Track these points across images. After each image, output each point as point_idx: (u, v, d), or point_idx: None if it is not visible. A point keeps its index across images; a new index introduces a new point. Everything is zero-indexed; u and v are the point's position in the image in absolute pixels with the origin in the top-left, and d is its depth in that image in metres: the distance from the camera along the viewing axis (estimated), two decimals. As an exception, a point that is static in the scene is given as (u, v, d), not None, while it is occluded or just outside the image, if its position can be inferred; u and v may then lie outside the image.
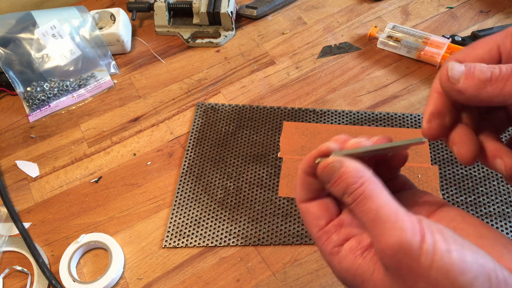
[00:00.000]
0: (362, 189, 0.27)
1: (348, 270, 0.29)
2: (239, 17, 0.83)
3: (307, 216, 0.31)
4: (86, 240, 0.58)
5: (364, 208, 0.27)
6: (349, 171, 0.28)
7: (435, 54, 0.71)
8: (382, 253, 0.26)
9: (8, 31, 0.73)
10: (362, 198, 0.27)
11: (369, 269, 0.28)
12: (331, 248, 0.30)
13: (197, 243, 0.58)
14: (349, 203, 0.28)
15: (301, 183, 0.32)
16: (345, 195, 0.28)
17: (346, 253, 0.29)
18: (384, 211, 0.26)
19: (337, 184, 0.29)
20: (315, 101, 0.70)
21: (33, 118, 0.73)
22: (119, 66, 0.78)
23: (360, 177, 0.28)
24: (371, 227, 0.27)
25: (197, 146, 0.67)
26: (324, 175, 0.29)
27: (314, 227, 0.31)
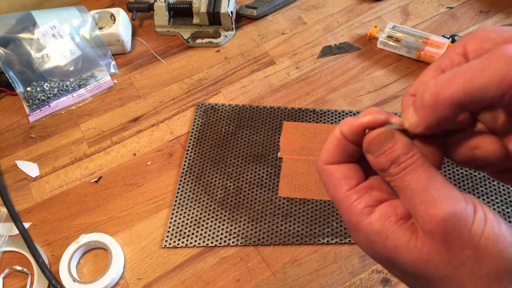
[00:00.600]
0: (414, 159, 0.27)
1: (380, 233, 0.28)
2: (239, 17, 0.83)
3: (333, 176, 0.30)
4: (86, 240, 0.58)
5: (416, 175, 0.27)
6: (401, 142, 0.28)
7: (435, 54, 0.71)
8: (432, 217, 0.25)
9: (8, 31, 0.73)
10: (414, 166, 0.27)
11: (406, 235, 0.27)
12: (362, 207, 0.28)
13: (197, 243, 0.58)
14: (396, 172, 0.28)
15: (336, 145, 0.30)
16: (393, 164, 0.28)
17: (379, 216, 0.28)
18: (437, 179, 0.27)
19: (386, 154, 0.28)
20: (315, 101, 0.70)
21: (33, 118, 0.73)
22: (119, 66, 0.78)
23: (411, 149, 0.28)
24: (421, 193, 0.26)
25: (197, 146, 0.67)
26: (374, 145, 0.29)
27: (342, 186, 0.30)
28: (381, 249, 0.28)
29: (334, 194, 0.30)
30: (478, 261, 0.25)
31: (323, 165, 0.31)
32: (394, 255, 0.27)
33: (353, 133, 0.30)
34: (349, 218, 0.29)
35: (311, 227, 0.58)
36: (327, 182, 0.31)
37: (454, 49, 0.29)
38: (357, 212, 0.29)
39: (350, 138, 0.30)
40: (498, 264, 0.25)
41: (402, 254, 0.27)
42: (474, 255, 0.25)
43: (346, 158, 0.31)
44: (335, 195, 0.30)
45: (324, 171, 0.31)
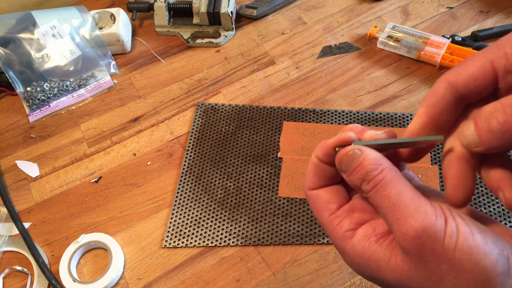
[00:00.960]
0: (383, 175, 0.28)
1: (362, 255, 0.28)
2: (239, 17, 0.83)
3: (317, 202, 0.31)
4: (86, 240, 0.58)
5: (385, 193, 0.27)
6: (369, 158, 0.28)
7: (435, 54, 0.71)
8: (404, 236, 0.26)
9: (8, 31, 0.73)
10: (383, 184, 0.27)
11: (386, 255, 0.28)
12: (344, 232, 0.29)
13: (197, 243, 0.58)
14: (368, 190, 0.28)
15: (315, 170, 0.31)
16: (364, 182, 0.28)
17: (360, 238, 0.29)
18: (406, 195, 0.27)
19: (356, 172, 0.28)
20: (315, 101, 0.70)
21: (33, 118, 0.73)
22: (119, 66, 0.78)
23: (380, 164, 0.28)
24: (392, 211, 0.27)
25: (197, 146, 0.67)
26: (343, 163, 0.29)
27: (325, 211, 0.31)
28: (365, 270, 0.29)
29: (319, 219, 0.31)
30: (455, 274, 0.25)
31: (307, 190, 0.32)
32: (379, 275, 0.28)
33: (326, 155, 0.31)
34: (334, 242, 0.30)
35: (311, 227, 0.58)
36: (312, 207, 0.32)
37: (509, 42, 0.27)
38: (340, 237, 0.30)
39: (325, 160, 0.31)
40: (475, 277, 0.25)
41: (385, 274, 0.28)
42: (451, 269, 0.25)
43: (326, 181, 0.32)
44: (320, 220, 0.31)
45: (308, 196, 0.32)
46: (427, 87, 0.70)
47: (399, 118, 0.67)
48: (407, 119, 0.67)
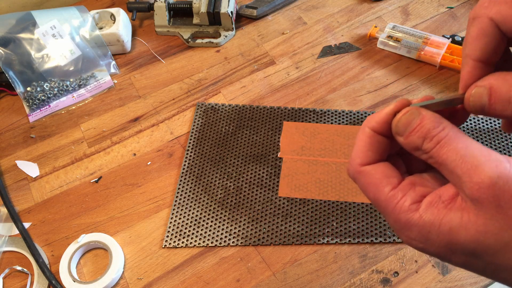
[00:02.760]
0: (446, 131, 0.27)
1: (433, 222, 0.27)
2: (239, 17, 0.83)
3: (373, 177, 0.29)
4: (86, 240, 0.58)
5: (452, 147, 0.26)
6: (429, 116, 0.28)
7: (435, 54, 0.71)
8: (478, 185, 0.25)
9: (8, 31, 0.73)
10: (448, 139, 0.27)
11: (457, 215, 0.26)
12: (410, 204, 0.28)
13: (197, 243, 0.58)
14: (431, 147, 0.27)
15: (369, 143, 0.30)
16: (426, 140, 0.27)
17: (426, 207, 0.27)
18: (474, 146, 0.26)
19: (416, 131, 0.28)
20: (315, 101, 0.70)
21: (33, 118, 0.73)
22: (119, 66, 0.78)
23: (441, 122, 0.27)
24: (462, 163, 0.26)
25: (197, 146, 0.67)
26: (402, 124, 0.28)
27: (385, 186, 0.29)
28: (437, 237, 0.27)
29: (376, 195, 0.29)
30: None
31: (359, 167, 0.30)
32: (451, 238, 0.26)
33: (384, 123, 0.30)
34: (397, 217, 0.28)
35: (311, 227, 0.58)
36: (366, 184, 0.30)
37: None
38: (405, 210, 0.28)
39: (381, 130, 0.30)
40: None
41: (459, 234, 0.26)
42: None
43: (380, 155, 0.30)
44: (377, 197, 0.29)
45: (361, 173, 0.30)
46: (427, 87, 0.70)
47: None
48: (407, 119, 0.66)
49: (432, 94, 0.69)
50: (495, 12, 0.28)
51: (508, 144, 0.63)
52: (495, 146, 0.63)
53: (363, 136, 0.30)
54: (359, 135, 0.31)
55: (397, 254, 0.56)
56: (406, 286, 0.53)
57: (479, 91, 0.28)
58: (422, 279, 0.54)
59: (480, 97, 0.28)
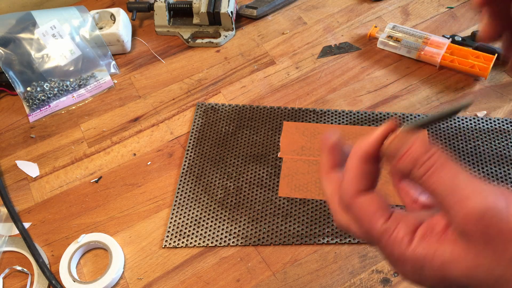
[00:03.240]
0: (435, 158, 0.27)
1: (425, 256, 0.27)
2: (239, 17, 0.83)
3: (368, 208, 0.29)
4: (86, 240, 0.58)
5: (441, 175, 0.26)
6: (418, 142, 0.27)
7: (435, 54, 0.71)
8: (466, 219, 0.25)
9: (8, 31, 0.73)
10: (437, 166, 0.26)
11: (447, 249, 0.26)
12: (402, 236, 0.28)
13: (197, 243, 0.58)
14: (421, 174, 0.27)
15: (360, 172, 0.30)
16: (416, 166, 0.27)
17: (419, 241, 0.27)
18: (463, 177, 0.26)
19: (407, 156, 0.27)
20: (315, 101, 0.70)
21: (33, 118, 0.73)
22: (119, 66, 0.78)
23: (430, 147, 0.27)
24: (450, 195, 0.25)
25: (197, 146, 0.67)
26: (392, 148, 0.28)
27: (378, 218, 0.29)
28: (430, 271, 0.27)
29: (370, 229, 0.29)
30: None
31: (353, 198, 0.30)
32: (444, 274, 0.26)
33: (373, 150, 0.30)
34: (391, 251, 0.28)
35: (311, 227, 0.58)
36: (359, 217, 0.30)
37: None
38: (398, 242, 0.28)
39: (371, 157, 0.30)
40: None
41: (451, 269, 0.26)
42: None
43: (372, 182, 0.30)
44: (371, 231, 0.29)
45: (354, 205, 0.30)
46: (427, 87, 0.70)
47: (399, 118, 0.67)
48: (407, 119, 0.67)
49: (432, 94, 0.69)
50: None
51: (508, 144, 0.63)
52: (495, 146, 0.63)
53: (355, 164, 0.30)
54: (350, 163, 0.30)
55: (397, 254, 0.56)
56: (406, 286, 0.53)
57: None
58: (422, 279, 0.54)
59: None
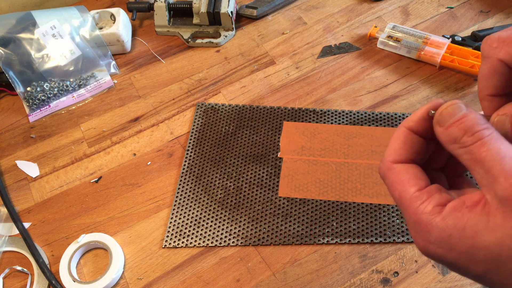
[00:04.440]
0: (490, 131, 0.27)
1: (456, 225, 0.26)
2: (239, 17, 0.83)
3: (402, 176, 0.30)
4: (86, 240, 0.58)
5: (494, 146, 0.26)
6: (474, 114, 0.28)
7: (435, 54, 0.71)
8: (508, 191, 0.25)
9: (8, 31, 0.73)
10: (491, 138, 0.26)
11: (482, 219, 0.26)
12: (433, 206, 0.28)
13: (197, 243, 0.58)
14: (471, 142, 0.27)
15: (403, 141, 0.30)
16: (467, 133, 0.27)
17: (450, 211, 0.27)
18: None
19: (460, 123, 0.27)
20: (315, 101, 0.70)
21: (33, 118, 0.73)
22: (119, 66, 0.78)
23: (486, 121, 0.27)
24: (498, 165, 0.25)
25: (197, 146, 0.67)
26: (446, 114, 0.28)
27: (412, 186, 0.29)
28: (458, 241, 0.26)
29: (402, 194, 0.29)
30: None
31: (391, 164, 0.30)
32: (474, 242, 0.26)
33: (421, 120, 0.30)
34: (418, 218, 0.28)
35: (311, 227, 0.58)
36: (394, 181, 0.30)
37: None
38: (428, 211, 0.28)
39: (417, 129, 0.30)
40: None
41: (483, 237, 0.25)
42: None
43: (413, 155, 0.30)
44: (402, 195, 0.29)
45: (390, 170, 0.30)
46: (427, 87, 0.70)
47: (399, 118, 0.67)
48: (407, 119, 0.67)
49: (432, 94, 0.69)
50: (504, 53, 0.29)
51: (508, 144, 0.63)
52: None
53: (398, 134, 0.31)
54: (395, 134, 0.31)
55: (397, 254, 0.56)
56: (406, 286, 0.53)
57: (501, 119, 0.29)
58: (422, 279, 0.54)
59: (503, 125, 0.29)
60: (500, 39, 0.30)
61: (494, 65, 0.30)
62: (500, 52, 0.29)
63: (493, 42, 0.30)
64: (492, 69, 0.30)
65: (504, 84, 0.30)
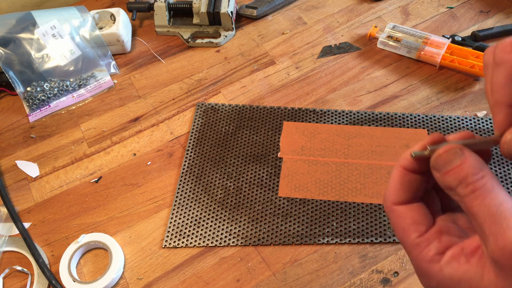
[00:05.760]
0: (484, 181, 0.26)
1: (452, 277, 0.27)
2: (239, 17, 0.83)
3: (403, 220, 0.30)
4: (86, 240, 0.58)
5: (485, 201, 0.26)
6: (471, 160, 0.27)
7: (435, 54, 0.71)
8: (502, 251, 0.24)
9: (8, 31, 0.73)
10: (484, 191, 0.26)
11: (477, 273, 0.26)
12: (432, 255, 0.28)
13: (197, 243, 0.58)
14: (465, 194, 0.26)
15: (400, 181, 0.30)
16: (461, 184, 0.27)
17: (448, 260, 0.27)
18: (507, 206, 0.25)
19: (455, 172, 0.27)
20: (315, 101, 0.70)
21: (33, 118, 0.73)
22: (119, 66, 0.78)
23: (481, 169, 0.27)
24: (490, 223, 0.25)
25: (197, 146, 0.67)
26: (441, 160, 0.28)
27: (412, 232, 0.29)
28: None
29: (403, 238, 0.30)
30: None
31: (392, 205, 0.30)
32: None
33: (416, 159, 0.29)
34: (419, 265, 0.29)
35: (311, 227, 0.58)
36: (395, 224, 0.30)
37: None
38: (427, 260, 0.28)
39: (413, 167, 0.29)
40: None
41: None
42: None
43: (413, 194, 0.30)
44: (404, 240, 0.30)
45: (392, 212, 0.30)
46: (427, 87, 0.70)
47: (399, 118, 0.67)
48: (407, 119, 0.67)
49: (432, 94, 0.69)
50: None
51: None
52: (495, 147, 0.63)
53: (395, 174, 0.30)
54: (392, 173, 0.30)
55: (397, 254, 0.56)
56: (406, 286, 0.53)
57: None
58: (422, 279, 0.54)
59: None
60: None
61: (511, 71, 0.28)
62: None
63: (505, 46, 0.28)
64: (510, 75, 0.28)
65: None
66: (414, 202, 0.30)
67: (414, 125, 0.66)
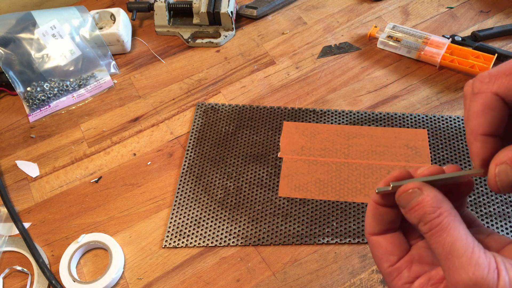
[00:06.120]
0: (439, 219, 0.27)
1: None
2: (239, 17, 0.83)
3: (377, 250, 0.32)
4: (86, 240, 0.58)
5: (440, 239, 0.27)
6: (428, 199, 0.28)
7: (435, 54, 0.71)
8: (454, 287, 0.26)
9: (8, 31, 0.73)
10: (438, 229, 0.27)
11: None
12: (401, 284, 0.30)
13: (197, 243, 0.58)
14: (424, 231, 0.28)
15: (373, 214, 0.32)
16: (421, 223, 0.28)
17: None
18: (460, 244, 0.26)
19: (414, 211, 0.29)
20: (315, 101, 0.70)
21: (33, 118, 0.73)
22: (119, 66, 0.78)
23: (438, 207, 0.28)
24: (445, 259, 0.27)
25: (197, 146, 0.67)
26: (402, 199, 0.29)
27: (384, 262, 0.31)
28: None
29: (378, 266, 0.32)
30: None
31: (368, 235, 0.33)
32: None
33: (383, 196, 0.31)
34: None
35: (311, 227, 0.58)
36: (372, 252, 0.33)
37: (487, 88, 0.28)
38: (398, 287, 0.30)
39: (382, 201, 0.31)
40: None
41: None
42: None
43: (386, 225, 0.32)
44: (378, 267, 0.32)
45: (369, 241, 0.33)
46: (427, 87, 0.70)
47: (399, 118, 0.67)
48: (407, 119, 0.67)
49: (432, 94, 0.69)
50: (498, 86, 0.28)
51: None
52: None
53: (369, 208, 0.32)
54: (368, 204, 0.33)
55: (397, 254, 0.56)
56: (406, 286, 0.53)
57: (503, 168, 0.27)
58: (422, 279, 0.54)
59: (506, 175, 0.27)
60: (491, 75, 0.28)
61: (488, 100, 0.28)
62: (493, 85, 0.28)
63: (484, 78, 0.29)
64: (486, 104, 0.28)
65: (499, 121, 0.28)
66: (389, 232, 0.32)
67: (414, 125, 0.66)
